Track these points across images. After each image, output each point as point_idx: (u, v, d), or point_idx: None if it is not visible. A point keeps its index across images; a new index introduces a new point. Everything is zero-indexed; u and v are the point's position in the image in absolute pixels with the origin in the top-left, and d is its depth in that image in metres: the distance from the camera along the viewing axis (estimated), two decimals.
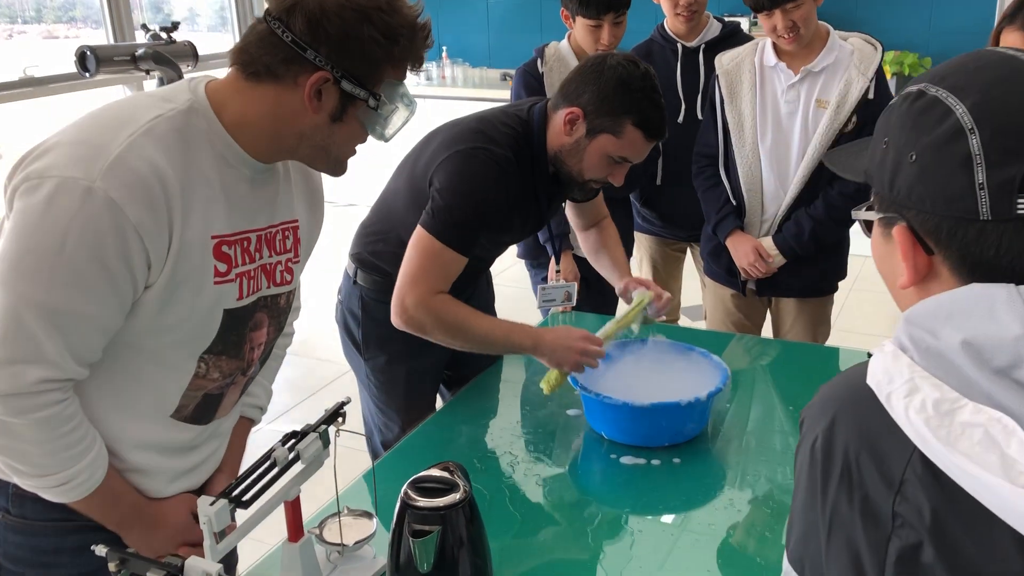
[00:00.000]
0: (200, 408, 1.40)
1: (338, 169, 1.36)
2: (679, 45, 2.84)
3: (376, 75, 1.25)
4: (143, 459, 1.36)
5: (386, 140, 1.34)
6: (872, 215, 0.83)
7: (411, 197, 1.98)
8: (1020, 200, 0.70)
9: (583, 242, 2.36)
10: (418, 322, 1.86)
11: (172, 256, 1.21)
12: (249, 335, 1.40)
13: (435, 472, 1.35)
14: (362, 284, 2.11)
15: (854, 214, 0.87)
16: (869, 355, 0.78)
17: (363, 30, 1.21)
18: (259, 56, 1.23)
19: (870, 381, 0.75)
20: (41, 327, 1.16)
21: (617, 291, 2.22)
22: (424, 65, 5.66)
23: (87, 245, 1.14)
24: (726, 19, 3.01)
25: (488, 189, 1.86)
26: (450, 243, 1.85)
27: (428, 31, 1.30)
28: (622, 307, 2.22)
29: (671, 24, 2.85)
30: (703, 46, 2.82)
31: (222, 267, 1.29)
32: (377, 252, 2.09)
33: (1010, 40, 2.04)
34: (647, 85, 1.85)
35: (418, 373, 2.15)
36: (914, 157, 0.75)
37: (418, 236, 1.87)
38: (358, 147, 1.36)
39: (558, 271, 2.41)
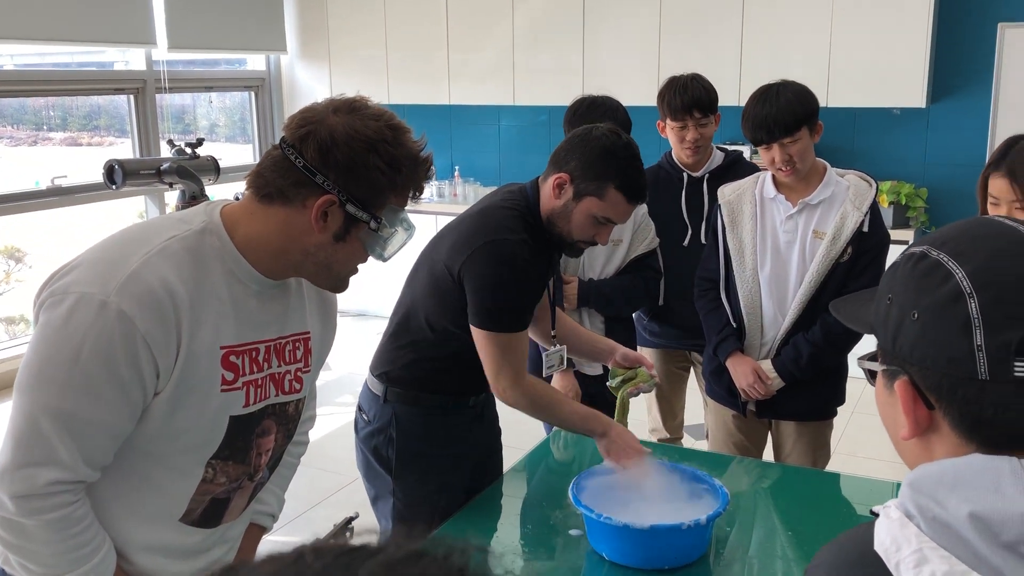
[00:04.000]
0: (207, 512, 1.44)
1: (340, 286, 1.45)
2: (685, 174, 3.00)
3: (379, 200, 1.35)
4: (151, 562, 1.40)
5: (384, 260, 1.42)
6: (876, 366, 0.86)
7: (436, 298, 2.08)
8: (1018, 363, 0.73)
9: (544, 336, 2.43)
10: (514, 402, 2.06)
11: (180, 365, 1.28)
12: (256, 441, 1.45)
13: None
14: (394, 401, 2.14)
15: (859, 363, 0.91)
16: (874, 514, 0.80)
17: (369, 159, 1.31)
18: (272, 179, 1.33)
19: (878, 548, 0.76)
20: (55, 431, 1.23)
21: (611, 363, 2.33)
22: (437, 183, 5.80)
23: (100, 354, 1.22)
24: (729, 148, 3.16)
25: (521, 272, 2.01)
26: (511, 329, 2.02)
27: (429, 163, 1.41)
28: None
29: (677, 155, 3.01)
30: (707, 175, 2.97)
31: (229, 376, 1.36)
32: (409, 364, 2.14)
33: (996, 185, 2.15)
34: (629, 154, 2.03)
35: (446, 489, 2.17)
36: (916, 316, 0.78)
37: (482, 336, 2.02)
38: (360, 266, 1.45)
39: (554, 335, 2.47)
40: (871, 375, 0.89)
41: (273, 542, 3.21)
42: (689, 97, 2.84)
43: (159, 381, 1.28)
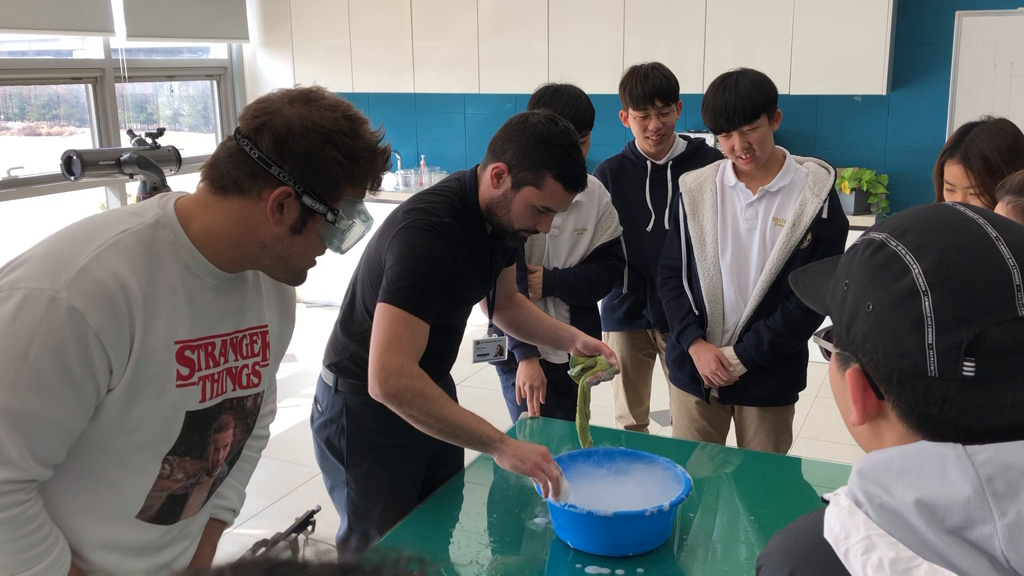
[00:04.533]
0: (165, 508, 1.43)
1: (297, 279, 1.44)
2: (648, 163, 3.02)
3: (336, 192, 1.34)
4: (107, 560, 1.39)
5: (341, 252, 1.42)
6: (831, 347, 0.87)
7: (373, 287, 2.05)
8: (966, 363, 0.73)
9: (508, 324, 2.42)
10: (397, 393, 1.88)
11: (134, 361, 1.27)
12: (214, 436, 1.44)
13: None
14: (345, 391, 2.15)
15: (814, 339, 0.91)
16: (824, 501, 0.81)
17: (326, 151, 1.30)
18: (227, 171, 1.32)
19: (827, 535, 0.77)
20: (5, 430, 1.21)
21: (572, 351, 2.28)
22: (403, 172, 5.76)
23: (50, 351, 1.20)
24: (692, 136, 3.18)
25: (434, 252, 1.96)
26: (410, 308, 1.92)
27: (388, 155, 1.40)
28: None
29: (640, 144, 3.03)
30: (671, 163, 3.00)
31: (184, 371, 1.35)
32: (356, 354, 2.13)
33: (952, 172, 2.18)
34: (566, 141, 1.99)
35: (400, 479, 2.17)
36: (871, 307, 0.79)
37: (380, 310, 1.94)
38: (318, 258, 1.44)
39: (491, 324, 2.45)
40: (826, 352, 0.90)
41: (239, 535, 3.20)
42: (651, 86, 2.85)
43: (112, 377, 1.27)
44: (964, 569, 0.70)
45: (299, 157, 1.29)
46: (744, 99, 2.42)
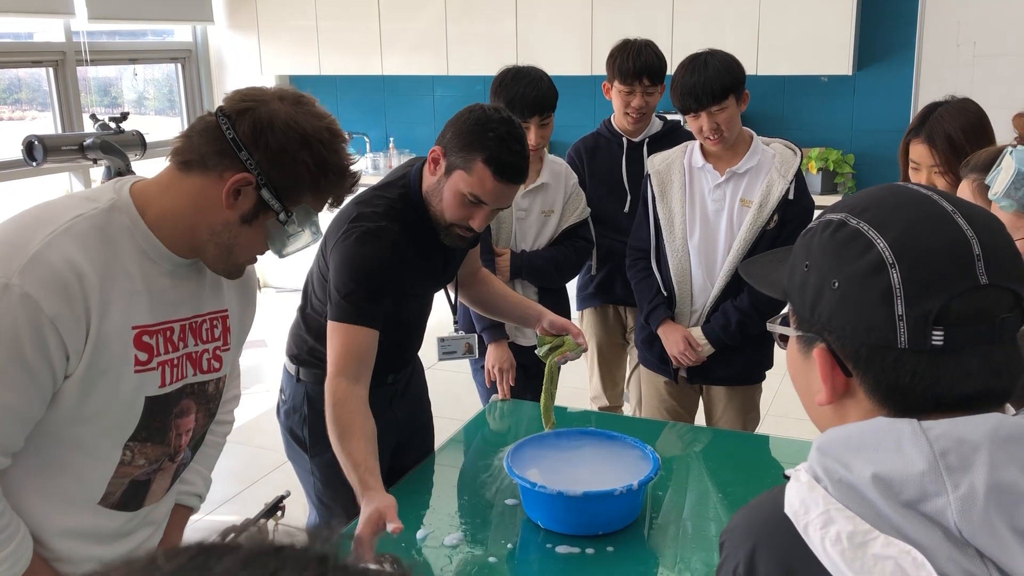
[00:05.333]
0: (128, 495, 1.42)
1: (234, 272, 1.44)
2: (624, 139, 3.01)
3: (296, 195, 1.34)
4: (70, 547, 1.38)
5: (281, 257, 1.41)
6: (791, 331, 0.88)
7: (321, 284, 2.06)
8: (935, 332, 0.75)
9: (473, 300, 2.40)
10: (330, 418, 1.85)
11: (90, 347, 1.26)
12: (175, 422, 1.43)
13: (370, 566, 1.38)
14: (306, 380, 2.14)
15: (769, 326, 0.92)
16: (785, 477, 0.82)
17: (300, 153, 1.30)
18: (198, 144, 1.31)
19: (788, 511, 0.78)
20: None
21: (538, 330, 2.26)
22: (372, 155, 5.70)
23: (4, 338, 1.19)
24: (668, 117, 3.18)
25: (369, 261, 1.92)
26: (352, 320, 1.90)
27: (355, 181, 1.40)
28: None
29: (618, 121, 3.01)
30: (647, 140, 3.00)
31: (143, 356, 1.34)
32: (313, 348, 2.13)
33: (917, 151, 2.21)
34: (504, 130, 1.90)
35: None
36: (836, 285, 0.80)
37: (331, 328, 1.93)
38: (259, 257, 1.43)
39: (456, 321, 2.44)
40: (783, 339, 0.91)
41: (210, 521, 3.18)
42: (642, 63, 2.83)
43: (69, 364, 1.26)
44: (919, 541, 0.71)
45: (272, 150, 1.29)
46: (713, 80, 2.43)
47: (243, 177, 1.29)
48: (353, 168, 1.39)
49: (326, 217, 1.54)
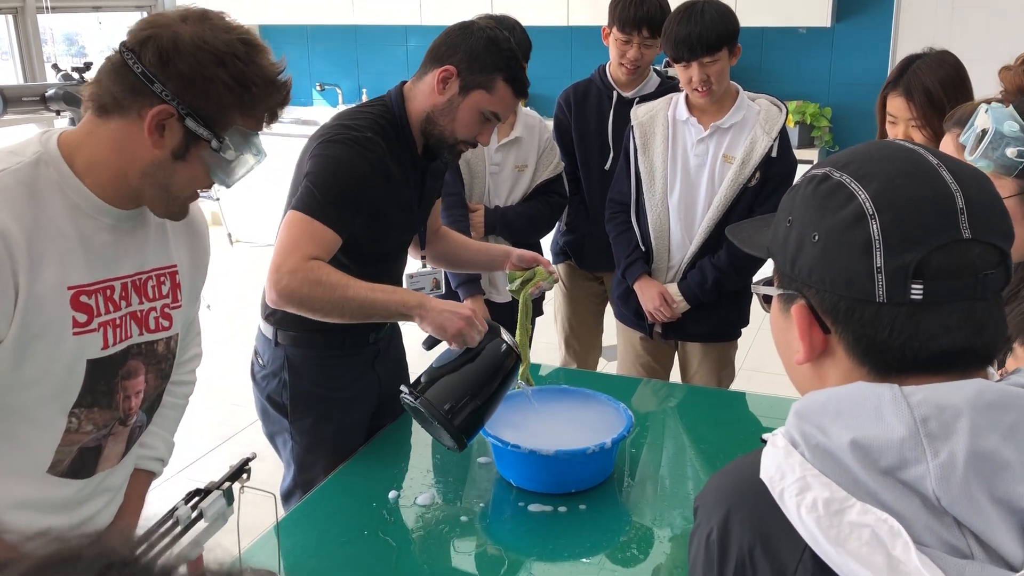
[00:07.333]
0: (77, 462, 1.37)
1: (179, 212, 1.36)
2: (615, 93, 2.92)
3: (224, 119, 1.26)
4: (22, 519, 1.32)
5: (227, 186, 1.34)
6: (772, 290, 0.86)
7: None
8: (914, 285, 0.74)
9: (438, 258, 2.34)
10: (293, 291, 1.74)
11: (21, 310, 1.20)
12: (122, 384, 1.37)
13: None
14: (285, 343, 2.07)
15: (753, 288, 0.90)
16: (762, 441, 0.80)
17: (214, 72, 1.23)
18: (108, 87, 1.24)
19: (763, 476, 0.76)
20: None
21: (508, 266, 2.22)
22: (346, 106, 5.61)
23: None
24: (669, 72, 3.08)
25: (347, 163, 1.86)
26: (313, 214, 1.80)
27: (287, 89, 1.32)
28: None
29: (613, 71, 2.92)
30: (638, 98, 2.87)
31: (81, 317, 1.28)
32: None
33: (894, 104, 2.18)
34: (511, 47, 1.98)
35: (344, 432, 2.12)
36: (817, 238, 0.78)
37: (288, 217, 1.83)
38: (201, 193, 1.36)
39: (423, 256, 2.38)
40: (766, 300, 0.89)
41: (184, 479, 3.15)
42: (644, 12, 2.73)
43: None
44: (896, 509, 0.70)
45: (184, 76, 1.21)
46: (709, 29, 2.37)
47: (161, 110, 1.22)
48: (282, 77, 1.30)
49: (285, 145, 1.44)
